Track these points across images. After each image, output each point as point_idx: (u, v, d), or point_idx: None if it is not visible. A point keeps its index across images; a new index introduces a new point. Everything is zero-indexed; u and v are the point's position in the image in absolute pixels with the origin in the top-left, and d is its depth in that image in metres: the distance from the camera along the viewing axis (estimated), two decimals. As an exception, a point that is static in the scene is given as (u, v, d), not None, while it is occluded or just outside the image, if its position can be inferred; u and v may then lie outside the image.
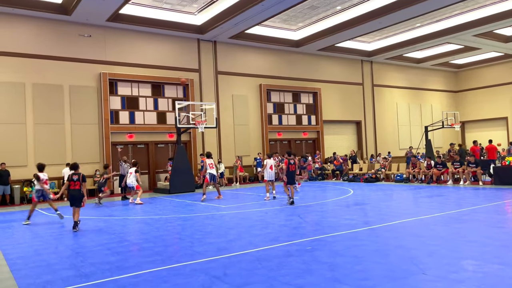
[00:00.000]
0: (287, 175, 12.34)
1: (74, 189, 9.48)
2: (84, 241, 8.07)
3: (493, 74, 30.43)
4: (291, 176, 12.35)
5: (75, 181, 9.49)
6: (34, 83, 17.00)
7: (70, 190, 9.61)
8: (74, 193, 9.47)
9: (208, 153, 15.07)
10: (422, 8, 18.34)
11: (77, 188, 9.46)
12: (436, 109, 31.26)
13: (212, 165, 14.42)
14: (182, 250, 6.92)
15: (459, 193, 13.54)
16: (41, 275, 5.78)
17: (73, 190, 9.49)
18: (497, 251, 6.07)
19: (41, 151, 16.94)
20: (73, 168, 9.80)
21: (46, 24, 17.34)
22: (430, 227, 8.06)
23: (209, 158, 14.63)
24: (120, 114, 19.21)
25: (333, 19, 20.46)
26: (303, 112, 25.17)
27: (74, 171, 9.64)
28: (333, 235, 7.63)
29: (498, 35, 23.79)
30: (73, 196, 9.50)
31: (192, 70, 21.01)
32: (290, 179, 12.34)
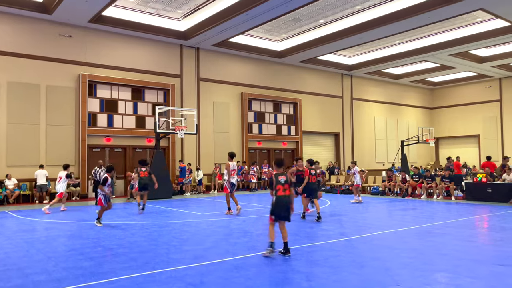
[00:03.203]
0: (306, 187, 10.94)
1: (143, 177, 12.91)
2: (56, 246, 7.85)
3: (467, 93, 31.46)
4: (312, 189, 11.04)
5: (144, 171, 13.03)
6: (10, 82, 16.57)
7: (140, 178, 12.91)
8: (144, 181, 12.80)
9: (232, 153, 12.17)
10: (402, 26, 18.88)
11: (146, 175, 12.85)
12: (412, 124, 32.02)
13: (234, 171, 12.04)
14: (158, 257, 6.83)
15: (432, 207, 13.85)
16: (12, 279, 5.60)
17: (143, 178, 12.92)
18: (469, 264, 6.24)
19: (13, 152, 16.47)
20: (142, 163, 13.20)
21: (25, 22, 16.97)
22: (404, 240, 8.21)
23: (232, 161, 12.07)
24: (98, 116, 18.90)
25: (315, 32, 20.79)
26: (283, 122, 25.35)
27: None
28: (310, 245, 7.68)
29: (473, 55, 24.65)
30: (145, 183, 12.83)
31: (174, 76, 20.91)
32: (310, 191, 11.01)
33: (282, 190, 6.77)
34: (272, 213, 6.82)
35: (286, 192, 6.80)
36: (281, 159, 7.21)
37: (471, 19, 19.23)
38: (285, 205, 6.73)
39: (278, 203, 6.74)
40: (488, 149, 28.87)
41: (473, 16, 18.73)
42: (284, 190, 6.78)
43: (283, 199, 6.76)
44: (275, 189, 6.74)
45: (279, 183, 6.81)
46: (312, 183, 11.04)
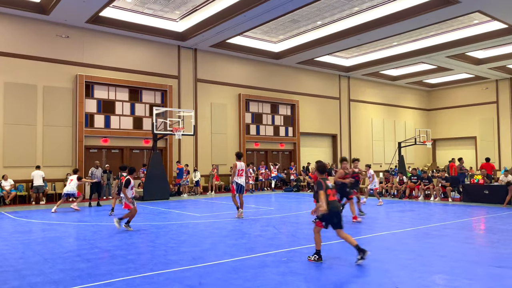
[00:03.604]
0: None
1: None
2: (53, 247, 7.81)
3: (464, 94, 31.56)
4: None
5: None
6: (6, 82, 16.49)
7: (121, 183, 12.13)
8: None
9: (239, 154, 11.84)
10: (399, 27, 18.93)
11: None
12: (409, 126, 32.10)
13: (242, 171, 11.57)
14: (156, 258, 6.80)
15: (429, 209, 13.87)
16: (8, 281, 5.56)
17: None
18: (467, 266, 6.24)
19: (10, 153, 16.39)
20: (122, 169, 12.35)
21: (22, 23, 16.91)
22: (403, 241, 8.21)
23: (240, 161, 11.66)
24: (95, 117, 18.84)
25: (313, 33, 20.81)
26: (280, 124, 25.36)
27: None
28: (308, 246, 7.66)
29: (470, 57, 24.74)
30: None
31: (171, 77, 20.88)
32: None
33: (332, 195, 6.49)
34: (323, 219, 6.47)
35: (334, 197, 6.57)
36: (324, 164, 6.83)
37: (468, 21, 19.30)
38: (337, 211, 6.47)
39: (331, 208, 6.33)
40: (485, 151, 28.96)
41: (470, 18, 18.80)
42: (333, 195, 6.53)
43: (335, 205, 6.47)
44: (325, 193, 6.33)
45: (328, 188, 6.43)
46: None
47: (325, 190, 6.37)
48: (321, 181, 6.50)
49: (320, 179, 6.55)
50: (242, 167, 11.54)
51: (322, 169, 6.74)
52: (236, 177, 11.44)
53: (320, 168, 6.76)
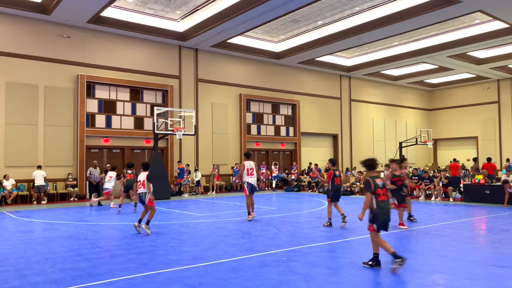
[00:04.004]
0: (332, 190, 10.01)
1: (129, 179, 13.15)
2: (53, 247, 7.83)
3: (465, 94, 31.52)
4: (337, 192, 10.08)
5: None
6: (8, 82, 16.53)
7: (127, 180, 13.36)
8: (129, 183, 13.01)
9: (247, 153, 11.46)
10: (400, 27, 18.91)
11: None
12: (410, 126, 32.06)
13: (253, 170, 11.04)
14: (157, 258, 6.81)
15: (430, 209, 13.86)
16: (9, 280, 5.58)
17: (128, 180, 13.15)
18: (467, 266, 6.24)
19: (11, 152, 16.43)
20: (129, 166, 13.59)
21: (24, 23, 16.94)
22: (403, 241, 8.21)
23: (249, 160, 11.22)
24: (96, 117, 18.87)
25: (314, 33, 20.81)
26: (281, 123, 25.36)
27: None
28: (308, 246, 7.67)
29: (471, 57, 24.70)
30: None
31: (172, 77, 20.90)
32: (335, 194, 10.06)
33: (382, 194, 5.95)
34: (374, 221, 5.90)
35: (385, 197, 5.98)
36: (373, 160, 6.20)
37: (470, 20, 19.27)
38: (388, 212, 5.91)
39: (381, 209, 5.83)
40: (486, 151, 28.91)
41: (472, 17, 18.78)
42: (383, 194, 5.97)
43: (385, 205, 5.92)
44: (375, 193, 5.87)
45: (378, 187, 5.89)
46: (338, 185, 10.09)
47: (374, 190, 5.86)
48: (369, 180, 5.93)
49: (369, 178, 5.98)
50: (252, 166, 11.06)
51: (371, 165, 6.10)
52: (247, 177, 10.93)
53: (368, 164, 6.13)
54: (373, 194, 5.90)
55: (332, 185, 10.00)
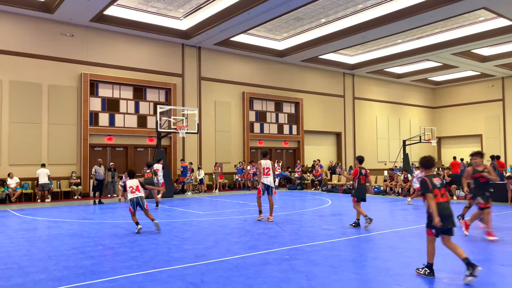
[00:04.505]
0: (358, 190, 9.59)
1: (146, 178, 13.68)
2: (57, 244, 7.86)
3: (470, 92, 31.37)
4: (363, 191, 9.66)
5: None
6: (12, 81, 16.60)
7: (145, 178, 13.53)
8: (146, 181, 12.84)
9: (265, 152, 11.00)
10: (404, 25, 18.83)
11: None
12: (414, 124, 31.95)
13: (269, 170, 10.59)
14: (159, 256, 6.83)
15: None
16: (12, 278, 5.61)
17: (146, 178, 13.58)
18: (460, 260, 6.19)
19: (15, 151, 16.51)
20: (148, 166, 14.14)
21: (27, 22, 17.00)
22: (406, 239, 8.18)
23: (265, 159, 10.75)
24: (100, 116, 18.92)
25: (317, 31, 20.76)
26: (284, 122, 25.33)
27: None
28: (310, 244, 7.66)
29: (476, 55, 24.57)
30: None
31: (175, 75, 20.92)
32: (361, 194, 9.64)
33: (440, 195, 5.47)
34: (432, 226, 5.42)
35: (444, 197, 5.49)
36: (430, 158, 5.68)
37: (474, 18, 19.16)
38: (449, 214, 5.41)
39: (440, 211, 5.33)
40: (491, 149, 28.77)
41: (476, 15, 18.67)
42: (442, 195, 5.48)
43: (445, 206, 5.42)
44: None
45: (435, 187, 5.43)
46: (363, 184, 9.63)
47: (431, 191, 5.39)
48: (426, 180, 5.45)
49: (425, 177, 5.51)
50: (268, 165, 10.58)
51: (428, 163, 5.63)
52: (262, 177, 10.48)
53: (425, 163, 5.65)
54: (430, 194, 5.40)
55: (358, 183, 9.57)
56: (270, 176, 10.48)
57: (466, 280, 5.16)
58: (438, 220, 5.26)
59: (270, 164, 10.62)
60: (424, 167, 5.66)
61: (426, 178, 5.48)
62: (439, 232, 5.44)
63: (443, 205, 5.40)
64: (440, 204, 5.38)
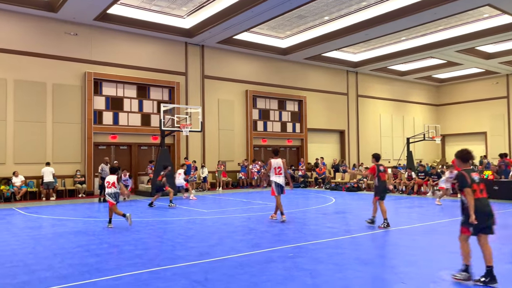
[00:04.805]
0: (380, 187, 9.32)
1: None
2: (62, 242, 7.91)
3: (474, 89, 31.20)
4: (383, 189, 9.38)
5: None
6: (16, 80, 16.67)
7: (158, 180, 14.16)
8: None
9: (276, 150, 10.73)
10: (408, 22, 18.74)
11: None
12: (418, 121, 31.84)
13: (280, 169, 10.24)
14: (163, 254, 6.86)
15: (438, 205, 13.76)
16: (18, 276, 5.65)
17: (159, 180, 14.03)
18: (475, 262, 6.17)
19: (20, 149, 16.59)
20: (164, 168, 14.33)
21: (31, 21, 17.06)
22: (410, 237, 8.18)
23: (276, 157, 10.42)
24: (103, 114, 18.98)
25: (320, 29, 20.71)
26: (288, 120, 25.31)
27: None
28: (314, 242, 7.67)
29: (480, 52, 24.43)
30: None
31: (179, 73, 20.94)
32: (382, 192, 9.34)
33: (479, 191, 5.14)
34: (469, 223, 5.12)
35: (483, 193, 5.17)
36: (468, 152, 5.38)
37: (478, 14, 19.05)
38: (488, 211, 5.09)
39: (478, 208, 5.03)
40: (495, 146, 28.65)
41: (480, 11, 18.56)
42: (481, 191, 5.17)
43: (484, 203, 5.11)
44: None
45: (474, 182, 5.12)
46: (383, 182, 9.36)
47: (470, 185, 5.08)
48: (464, 174, 5.14)
49: (463, 171, 5.21)
50: (279, 164, 10.22)
51: (466, 157, 5.31)
52: (274, 176, 10.16)
53: (463, 156, 5.33)
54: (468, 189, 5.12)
55: (379, 181, 9.32)
56: (281, 175, 10.18)
57: (475, 281, 5.10)
58: (474, 218, 5.02)
59: (282, 163, 10.28)
60: (461, 160, 5.34)
61: (464, 172, 5.20)
62: (477, 230, 5.14)
63: (483, 201, 5.12)
64: (479, 200, 5.09)
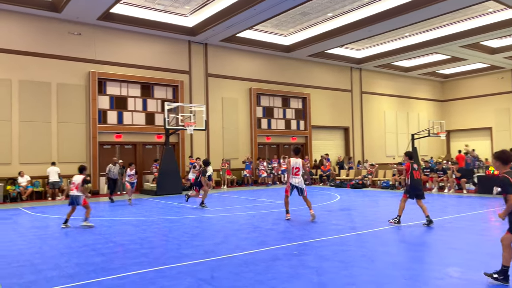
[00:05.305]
0: (411, 186, 8.78)
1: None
2: (68, 242, 7.95)
3: (479, 84, 31.01)
4: (417, 187, 8.80)
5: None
6: (21, 80, 16.75)
7: None
8: None
9: (296, 149, 10.17)
10: (411, 18, 18.64)
11: None
12: (422, 117, 31.69)
13: (298, 170, 9.79)
14: (169, 252, 6.88)
15: (443, 201, 13.72)
16: (25, 275, 5.69)
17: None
18: (481, 258, 6.16)
19: (26, 149, 16.69)
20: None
21: (35, 21, 17.12)
22: (416, 234, 8.15)
23: (296, 157, 9.98)
24: (108, 114, 19.04)
25: (324, 25, 20.64)
26: (292, 117, 25.27)
27: None
28: (320, 239, 7.66)
29: (485, 47, 24.26)
30: None
31: (183, 72, 20.95)
32: (415, 190, 8.80)
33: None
34: None
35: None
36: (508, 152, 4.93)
37: (482, 9, 18.91)
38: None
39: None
40: (501, 142, 28.45)
41: (484, 6, 18.41)
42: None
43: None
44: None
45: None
46: (417, 180, 8.79)
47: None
48: (508, 178, 4.68)
49: (505, 173, 4.74)
50: (298, 165, 9.75)
51: (506, 158, 4.83)
52: (291, 177, 9.78)
53: (504, 157, 4.85)
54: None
55: (411, 179, 8.80)
56: (299, 176, 9.74)
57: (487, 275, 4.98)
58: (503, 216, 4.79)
59: (301, 163, 9.83)
60: (503, 162, 4.85)
61: (508, 175, 4.71)
62: None
63: None
64: None
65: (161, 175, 17.46)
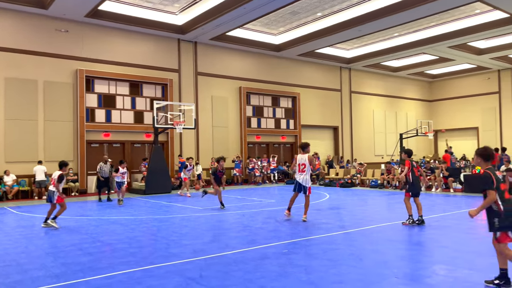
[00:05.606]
0: (413, 183, 8.87)
1: None
2: (55, 241, 7.85)
3: (466, 85, 31.41)
4: (418, 184, 8.98)
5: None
6: (7, 78, 16.48)
7: None
8: None
9: (303, 145, 9.82)
10: (401, 18, 18.79)
11: None
12: (410, 117, 31.99)
13: (304, 166, 9.51)
14: (157, 252, 6.83)
15: (431, 200, 13.86)
16: (10, 275, 5.59)
17: None
18: (468, 256, 6.24)
19: (12, 148, 16.43)
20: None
21: (21, 18, 16.85)
22: (403, 232, 8.22)
23: (303, 153, 9.67)
24: (96, 112, 18.84)
25: (313, 25, 20.68)
26: (282, 116, 25.31)
27: None
28: (309, 238, 7.68)
29: (472, 47, 24.56)
30: None
31: (172, 70, 20.83)
32: (417, 187, 8.96)
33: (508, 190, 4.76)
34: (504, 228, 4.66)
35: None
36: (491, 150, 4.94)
37: (470, 10, 19.14)
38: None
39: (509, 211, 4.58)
40: (487, 141, 28.86)
41: (472, 7, 18.64)
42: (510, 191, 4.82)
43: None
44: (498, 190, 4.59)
45: (500, 182, 4.69)
46: (417, 177, 8.95)
47: (497, 186, 4.65)
48: (489, 173, 4.72)
49: (487, 169, 4.79)
50: (303, 161, 9.46)
51: (488, 155, 4.87)
52: (296, 173, 9.65)
53: (485, 154, 4.88)
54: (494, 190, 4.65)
55: (413, 176, 8.87)
56: (304, 173, 9.45)
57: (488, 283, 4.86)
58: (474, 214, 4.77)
59: (307, 159, 9.47)
60: (484, 159, 4.87)
61: (489, 171, 4.74)
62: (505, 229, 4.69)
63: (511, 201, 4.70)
64: (508, 201, 4.67)
65: (150, 174, 17.35)
